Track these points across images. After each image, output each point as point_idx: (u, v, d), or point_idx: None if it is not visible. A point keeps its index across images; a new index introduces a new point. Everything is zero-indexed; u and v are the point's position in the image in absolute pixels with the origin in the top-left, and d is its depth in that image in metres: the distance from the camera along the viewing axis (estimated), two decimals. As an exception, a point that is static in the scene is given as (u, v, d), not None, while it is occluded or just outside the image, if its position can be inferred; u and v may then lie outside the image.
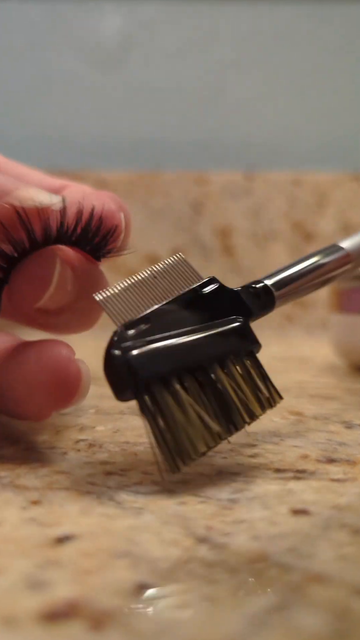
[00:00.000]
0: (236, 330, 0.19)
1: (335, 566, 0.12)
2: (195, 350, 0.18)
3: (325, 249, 0.23)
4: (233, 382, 0.18)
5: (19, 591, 0.11)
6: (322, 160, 0.68)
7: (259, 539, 0.14)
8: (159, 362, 0.17)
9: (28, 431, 0.22)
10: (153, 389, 0.17)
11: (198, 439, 0.17)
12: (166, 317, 0.19)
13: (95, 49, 0.68)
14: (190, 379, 0.18)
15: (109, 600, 0.11)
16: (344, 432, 0.23)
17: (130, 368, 0.17)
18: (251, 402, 0.19)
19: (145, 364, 0.17)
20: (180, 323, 0.19)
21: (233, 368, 0.19)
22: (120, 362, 0.17)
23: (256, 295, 0.21)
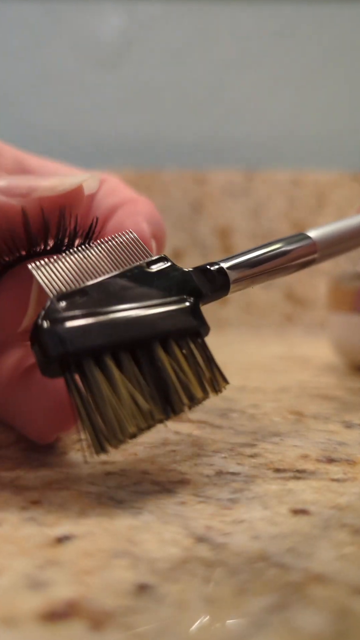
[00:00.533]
0: (183, 311, 0.18)
1: (335, 566, 0.12)
2: (135, 326, 0.17)
3: (292, 236, 0.22)
4: (174, 362, 0.17)
5: (19, 591, 0.11)
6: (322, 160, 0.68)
7: (259, 539, 0.14)
8: (92, 336, 0.16)
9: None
10: (83, 364, 0.16)
11: (128, 419, 0.16)
12: (106, 292, 0.17)
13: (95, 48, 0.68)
14: (127, 357, 0.17)
15: (108, 600, 0.11)
16: (344, 431, 0.23)
17: (58, 340, 0.16)
18: (192, 384, 0.17)
19: (75, 337, 0.16)
20: (122, 299, 0.18)
21: (176, 348, 0.18)
22: (48, 333, 0.16)
23: (210, 277, 0.20)
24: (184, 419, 0.24)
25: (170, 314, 0.18)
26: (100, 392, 0.16)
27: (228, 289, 0.20)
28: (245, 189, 0.66)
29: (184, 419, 0.24)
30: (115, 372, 0.16)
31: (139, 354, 0.17)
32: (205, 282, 0.19)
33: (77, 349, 0.16)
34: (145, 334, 0.17)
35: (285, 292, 0.64)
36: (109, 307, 0.17)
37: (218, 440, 0.21)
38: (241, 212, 0.65)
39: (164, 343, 0.17)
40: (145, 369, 0.17)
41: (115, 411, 0.16)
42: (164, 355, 0.17)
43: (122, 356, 0.17)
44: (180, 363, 0.18)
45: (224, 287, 0.20)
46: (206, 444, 0.21)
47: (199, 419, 0.24)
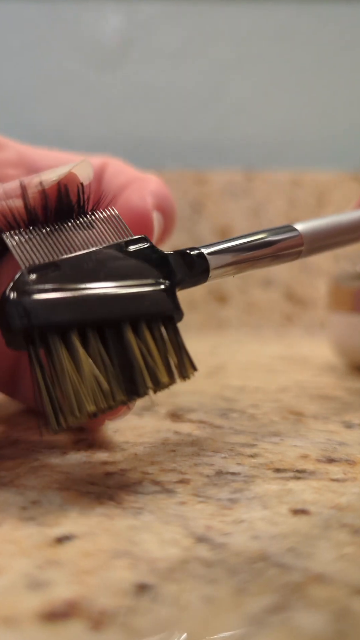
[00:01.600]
0: (157, 293, 0.18)
1: (335, 566, 0.12)
2: (105, 305, 0.17)
3: (278, 227, 0.22)
4: (143, 345, 0.17)
5: (19, 591, 0.11)
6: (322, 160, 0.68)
7: (259, 539, 0.14)
8: (59, 311, 0.16)
9: (28, 431, 0.22)
10: (48, 339, 0.16)
11: (88, 398, 0.16)
12: (79, 268, 0.17)
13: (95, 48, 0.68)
14: (94, 335, 0.17)
15: (108, 600, 0.11)
16: (344, 431, 0.23)
17: (24, 312, 0.16)
18: (158, 368, 0.17)
19: (42, 310, 0.16)
20: (95, 276, 0.17)
21: (146, 331, 0.17)
22: (14, 305, 0.16)
23: (189, 261, 0.19)
24: (184, 419, 0.24)
25: (143, 296, 0.18)
26: (62, 368, 0.16)
27: (207, 275, 0.20)
28: (246, 189, 0.66)
29: (184, 419, 0.24)
30: (80, 349, 0.16)
31: (107, 334, 0.17)
32: (184, 267, 0.19)
33: (42, 323, 0.16)
34: (115, 314, 0.17)
35: (285, 292, 0.64)
36: (80, 284, 0.17)
37: (218, 440, 0.21)
38: (241, 212, 0.65)
39: (134, 324, 0.17)
40: (112, 349, 0.17)
41: (75, 388, 0.16)
42: (133, 336, 0.17)
43: (89, 334, 0.16)
44: (148, 346, 0.17)
45: (203, 273, 0.20)
46: (206, 444, 0.21)
47: (199, 419, 0.24)
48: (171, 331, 0.18)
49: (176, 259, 0.19)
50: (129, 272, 0.18)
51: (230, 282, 0.63)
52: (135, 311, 0.17)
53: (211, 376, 0.34)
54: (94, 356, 0.16)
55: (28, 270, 0.16)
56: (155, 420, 0.24)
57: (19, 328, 0.16)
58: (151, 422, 0.24)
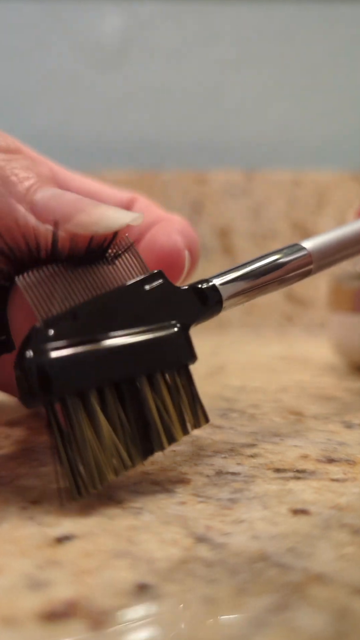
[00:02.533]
0: (174, 339, 0.18)
1: (335, 566, 0.12)
2: (124, 359, 0.16)
3: (286, 248, 0.21)
4: (159, 400, 0.17)
5: (19, 591, 0.11)
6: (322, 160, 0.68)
7: (259, 539, 0.14)
8: (79, 372, 0.16)
9: (28, 431, 0.22)
10: (67, 402, 0.15)
11: (107, 466, 0.15)
12: (96, 315, 0.17)
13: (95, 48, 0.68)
14: (112, 393, 0.16)
15: (108, 600, 0.11)
16: (344, 431, 0.23)
17: (45, 376, 0.15)
18: (175, 426, 0.17)
19: (62, 372, 0.15)
20: (112, 323, 0.17)
21: (162, 383, 0.17)
22: (34, 367, 0.15)
23: (202, 296, 0.19)
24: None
25: (161, 344, 0.17)
26: (82, 434, 0.15)
27: (221, 308, 0.19)
28: (246, 189, 0.66)
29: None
30: (100, 415, 0.16)
31: (123, 389, 0.16)
32: (198, 302, 0.19)
33: (63, 386, 0.15)
34: (134, 369, 0.17)
35: (285, 293, 0.64)
36: (98, 335, 0.16)
37: (218, 441, 0.21)
38: (241, 212, 0.65)
39: (150, 378, 0.17)
40: (129, 406, 0.16)
41: (96, 456, 0.15)
42: (149, 392, 0.17)
43: (106, 392, 0.16)
44: (164, 401, 0.17)
45: (216, 306, 0.19)
46: (206, 444, 0.21)
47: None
48: (185, 379, 0.18)
49: (190, 294, 0.19)
50: (145, 315, 0.17)
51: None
52: (152, 363, 0.17)
53: (211, 376, 0.34)
54: (111, 417, 0.16)
55: (45, 324, 0.16)
56: (155, 420, 0.24)
57: (40, 393, 0.15)
58: (151, 422, 0.24)
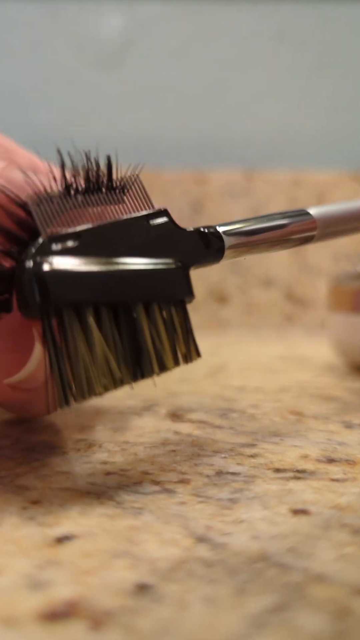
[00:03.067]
0: (173, 275, 0.18)
1: (335, 566, 0.12)
2: (122, 283, 0.17)
3: (292, 211, 0.22)
4: (153, 328, 0.17)
5: (19, 591, 0.11)
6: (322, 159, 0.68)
7: (259, 539, 0.14)
8: (78, 286, 0.16)
9: (28, 431, 0.22)
10: (64, 314, 0.16)
11: (97, 380, 0.16)
12: (100, 239, 0.17)
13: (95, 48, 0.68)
14: (108, 313, 0.17)
15: (108, 600, 0.11)
16: (344, 431, 0.23)
17: (43, 286, 0.15)
18: (166, 354, 0.17)
19: (61, 284, 0.16)
20: (114, 250, 0.17)
21: (157, 313, 0.17)
22: (33, 276, 0.16)
23: (205, 240, 0.19)
24: (184, 419, 0.24)
25: (161, 276, 0.18)
26: (76, 347, 0.16)
27: (222, 255, 0.20)
28: (246, 189, 0.66)
29: (184, 419, 0.24)
30: (95, 330, 0.16)
31: (120, 311, 0.17)
32: (201, 245, 0.19)
33: (60, 299, 0.16)
34: (132, 293, 0.17)
35: (285, 293, 0.64)
36: (100, 258, 0.17)
37: (218, 441, 0.21)
38: (241, 212, 0.65)
39: (146, 305, 0.17)
40: (124, 328, 0.17)
41: (87, 369, 0.16)
42: (145, 318, 0.17)
43: (103, 312, 0.16)
44: (158, 329, 0.17)
45: (218, 252, 0.20)
46: (206, 444, 0.21)
47: (199, 419, 0.24)
48: (181, 314, 0.18)
49: (194, 237, 0.19)
50: (147, 248, 0.18)
51: (231, 282, 0.63)
52: (151, 292, 0.17)
53: (211, 376, 0.34)
54: (106, 336, 0.16)
55: (49, 239, 0.16)
56: (156, 421, 0.24)
57: (36, 303, 0.16)
58: (151, 422, 0.24)
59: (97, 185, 0.18)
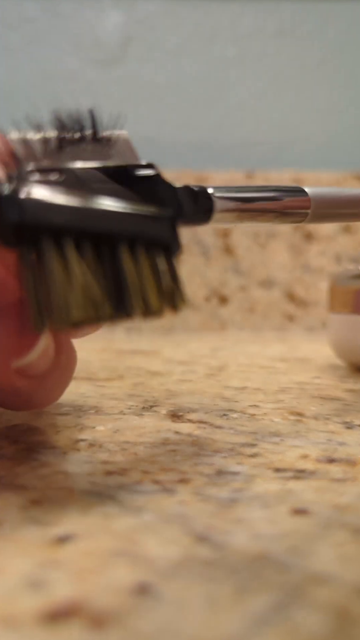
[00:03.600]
0: (159, 220, 0.17)
1: (335, 566, 0.12)
2: (104, 218, 0.16)
3: (288, 187, 0.22)
4: (138, 268, 0.17)
5: (19, 591, 0.11)
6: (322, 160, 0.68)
7: (259, 538, 0.14)
8: (56, 214, 0.16)
9: (28, 431, 0.22)
10: (42, 240, 0.15)
11: (75, 304, 0.15)
12: (83, 179, 0.17)
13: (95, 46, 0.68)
14: (90, 247, 0.16)
15: (109, 599, 0.11)
16: (345, 432, 0.23)
17: (20, 208, 0.15)
18: (151, 294, 0.17)
19: (39, 209, 0.15)
20: (98, 190, 0.17)
21: (142, 254, 0.17)
22: (8, 198, 0.15)
23: (194, 198, 0.19)
24: (184, 419, 0.24)
25: (145, 219, 0.17)
26: (52, 271, 0.15)
27: (211, 216, 0.19)
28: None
29: (184, 419, 0.24)
30: (73, 257, 0.16)
31: (102, 250, 0.16)
32: (189, 202, 0.19)
33: (35, 221, 0.15)
34: (114, 230, 0.17)
35: (286, 293, 0.64)
36: (82, 193, 0.16)
37: (218, 440, 0.21)
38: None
39: (131, 246, 0.17)
40: (106, 266, 0.16)
41: (64, 291, 0.15)
42: (129, 257, 0.17)
43: (84, 246, 0.16)
44: (142, 270, 0.17)
45: (206, 213, 0.19)
46: (206, 444, 0.21)
47: (200, 419, 0.24)
48: (167, 261, 0.18)
49: (182, 193, 0.19)
50: (132, 195, 0.17)
51: (231, 282, 0.63)
52: (135, 231, 0.17)
53: (211, 376, 0.34)
54: (87, 268, 0.16)
55: (30, 169, 0.16)
56: (156, 420, 0.24)
57: (10, 223, 0.15)
58: (151, 422, 0.24)
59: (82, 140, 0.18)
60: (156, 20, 0.68)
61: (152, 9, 0.68)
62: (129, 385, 0.32)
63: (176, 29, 0.68)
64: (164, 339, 0.57)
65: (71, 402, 0.27)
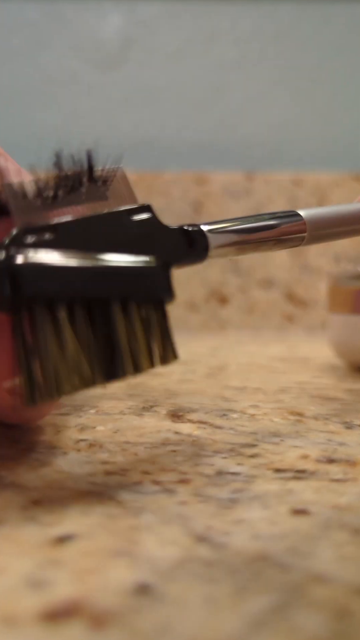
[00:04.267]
0: (153, 273, 0.17)
1: (335, 566, 0.12)
2: (99, 280, 0.16)
3: (282, 212, 0.22)
4: (129, 327, 0.17)
5: (20, 591, 0.11)
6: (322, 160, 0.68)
7: (259, 538, 0.14)
8: (52, 281, 0.16)
9: (28, 431, 0.22)
10: (35, 309, 0.15)
11: (67, 378, 0.15)
12: (78, 234, 0.16)
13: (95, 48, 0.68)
14: (83, 311, 0.16)
15: (109, 599, 0.11)
16: (344, 432, 0.23)
17: (14, 279, 0.15)
18: (142, 354, 0.17)
19: (33, 278, 0.15)
20: (93, 245, 0.17)
21: (135, 312, 0.17)
22: (5, 269, 0.15)
23: (189, 239, 0.19)
24: (184, 420, 0.24)
25: (140, 274, 0.17)
26: (47, 344, 0.15)
27: (206, 254, 0.19)
28: (246, 189, 0.66)
29: (184, 419, 0.24)
30: (66, 326, 0.16)
31: (95, 309, 0.16)
32: (184, 244, 0.19)
33: (31, 294, 0.15)
34: (108, 291, 0.17)
35: (285, 293, 0.64)
36: (76, 252, 0.16)
37: (218, 441, 0.21)
38: (241, 212, 0.65)
39: (124, 303, 0.17)
40: (99, 326, 0.16)
41: (57, 367, 0.15)
42: (121, 316, 0.17)
43: (76, 309, 0.16)
44: (135, 329, 0.17)
45: (202, 252, 0.19)
46: (206, 444, 0.21)
47: (200, 419, 0.24)
48: (160, 314, 0.18)
49: (177, 235, 0.19)
50: (126, 245, 0.17)
51: (231, 282, 0.63)
52: (129, 290, 0.17)
53: (212, 377, 0.34)
54: (79, 333, 0.16)
55: (24, 231, 0.16)
56: (156, 421, 0.24)
57: (7, 296, 0.15)
58: (151, 423, 0.24)
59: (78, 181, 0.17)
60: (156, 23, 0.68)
61: (152, 12, 0.68)
62: (129, 386, 0.32)
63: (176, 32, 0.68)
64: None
65: (71, 402, 0.27)
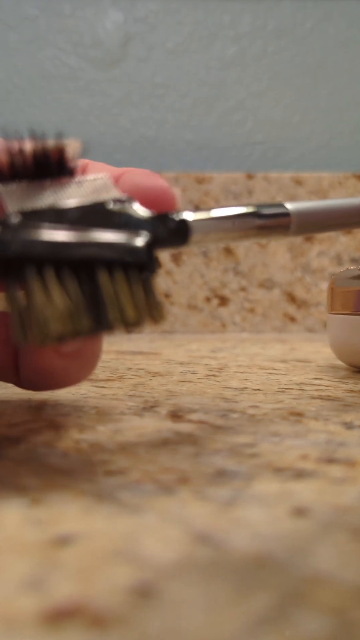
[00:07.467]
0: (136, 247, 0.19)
1: (335, 566, 0.12)
2: (83, 247, 0.18)
3: (268, 203, 0.22)
4: (115, 285, 0.18)
5: (19, 591, 0.11)
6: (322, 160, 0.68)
7: (259, 538, 0.14)
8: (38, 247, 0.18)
9: (28, 431, 0.22)
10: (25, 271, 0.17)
11: (53, 319, 0.17)
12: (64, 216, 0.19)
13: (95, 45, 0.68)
14: (69, 273, 0.18)
15: (109, 599, 0.11)
16: (345, 432, 0.23)
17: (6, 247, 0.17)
18: (127, 306, 0.18)
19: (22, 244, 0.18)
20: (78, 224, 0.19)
21: (119, 275, 0.19)
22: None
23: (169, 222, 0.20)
24: (184, 420, 0.24)
25: (122, 245, 0.19)
26: (33, 292, 0.17)
27: (187, 238, 0.20)
28: (246, 189, 0.66)
29: (185, 419, 0.24)
30: (53, 281, 0.18)
31: (81, 274, 0.18)
32: (164, 227, 0.20)
33: (19, 254, 0.17)
34: (91, 257, 0.18)
35: (286, 293, 0.64)
36: (62, 228, 0.18)
37: (218, 440, 0.21)
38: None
39: (109, 270, 0.19)
40: (85, 286, 0.18)
41: (44, 309, 0.17)
42: (107, 277, 0.18)
43: (64, 272, 0.18)
44: (119, 286, 0.18)
45: (182, 235, 0.20)
46: (206, 444, 0.21)
47: (200, 419, 0.24)
48: (145, 280, 0.19)
49: (158, 219, 0.20)
50: (110, 225, 0.19)
51: (232, 282, 0.63)
52: (111, 258, 0.19)
53: (212, 377, 0.34)
54: (66, 289, 0.18)
55: (15, 213, 0.18)
56: (156, 421, 0.24)
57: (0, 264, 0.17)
58: (152, 423, 0.24)
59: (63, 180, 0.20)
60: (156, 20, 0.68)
61: (151, 8, 0.68)
62: (130, 386, 0.32)
63: (176, 28, 0.68)
64: (164, 339, 0.57)
65: (72, 402, 0.27)
